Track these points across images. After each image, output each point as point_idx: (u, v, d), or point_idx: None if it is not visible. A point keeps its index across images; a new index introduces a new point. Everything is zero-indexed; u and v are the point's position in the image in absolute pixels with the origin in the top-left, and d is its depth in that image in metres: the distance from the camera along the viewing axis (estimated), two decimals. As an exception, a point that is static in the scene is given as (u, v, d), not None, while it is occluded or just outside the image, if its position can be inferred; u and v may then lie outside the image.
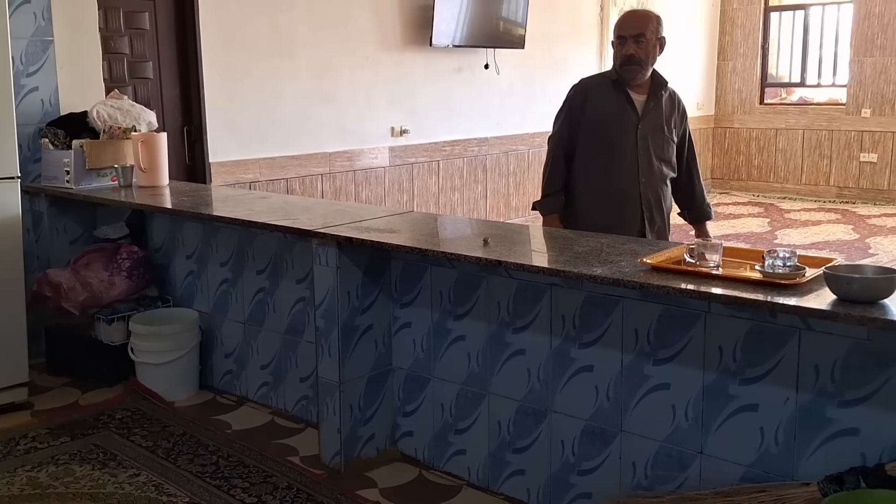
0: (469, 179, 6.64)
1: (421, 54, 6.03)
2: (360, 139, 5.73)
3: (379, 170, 5.89)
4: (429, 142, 6.22)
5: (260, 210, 3.35)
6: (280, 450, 3.14)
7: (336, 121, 5.55)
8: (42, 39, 4.00)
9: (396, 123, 5.97)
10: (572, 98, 3.28)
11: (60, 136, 3.93)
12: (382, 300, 2.96)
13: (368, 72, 5.72)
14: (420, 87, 6.10)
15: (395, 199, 5.98)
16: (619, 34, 3.17)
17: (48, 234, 3.98)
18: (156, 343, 3.58)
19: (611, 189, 3.18)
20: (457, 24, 6.04)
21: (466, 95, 6.46)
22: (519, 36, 6.55)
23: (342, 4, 5.49)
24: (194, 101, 4.86)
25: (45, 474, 2.93)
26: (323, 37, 5.39)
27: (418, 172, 6.19)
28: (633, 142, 3.16)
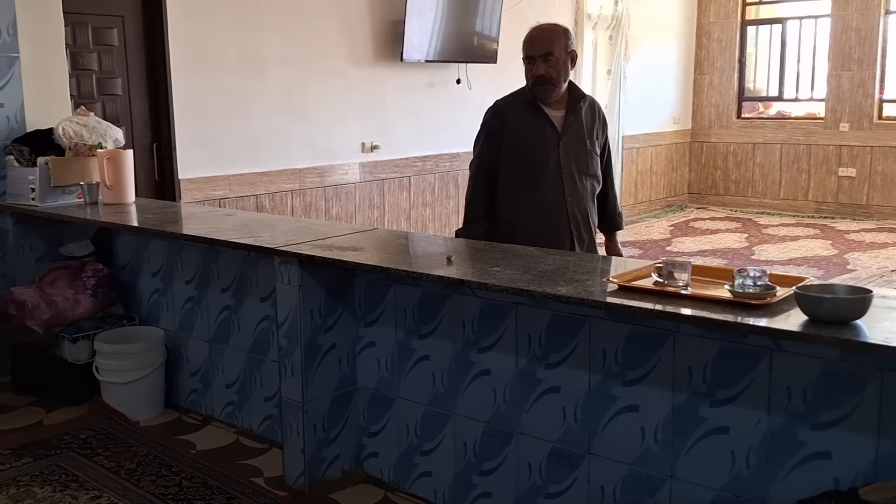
0: (441, 195, 6.45)
1: (392, 69, 5.84)
2: (331, 155, 5.53)
3: (349, 186, 5.70)
4: (400, 157, 6.02)
5: (224, 227, 3.15)
6: (244, 470, 2.94)
7: (306, 137, 5.35)
8: (7, 55, 3.77)
9: (367, 139, 5.77)
10: (489, 121, 3.01)
11: (25, 154, 3.71)
12: (346, 319, 2.77)
13: (339, 87, 5.52)
14: (391, 102, 5.91)
15: (365, 216, 5.78)
16: (527, 54, 2.91)
17: (13, 251, 3.75)
18: (121, 362, 3.36)
19: (536, 211, 2.92)
20: (430, 39, 5.87)
21: (438, 111, 6.27)
22: (492, 50, 6.40)
23: (312, 20, 5.30)
24: (163, 117, 4.64)
25: (5, 496, 2.71)
26: (293, 52, 5.20)
27: (389, 188, 6.00)
28: (556, 160, 2.91)
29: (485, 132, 3.03)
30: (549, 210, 2.93)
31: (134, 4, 4.48)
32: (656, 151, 9.01)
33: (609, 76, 8.08)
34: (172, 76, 4.57)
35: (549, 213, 2.93)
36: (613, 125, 8.20)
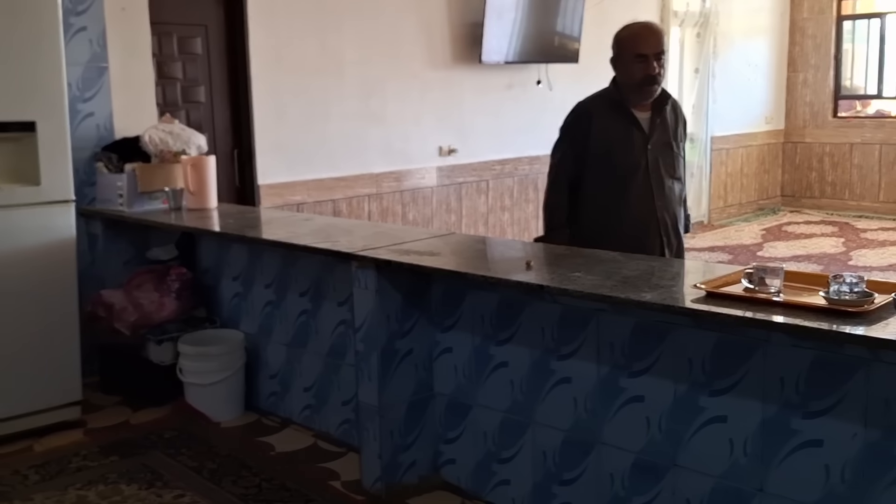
0: (520, 199, 6.45)
1: (470, 71, 5.89)
2: (408, 159, 5.61)
3: (426, 190, 5.77)
4: (478, 161, 6.06)
5: (302, 232, 3.25)
6: (322, 474, 3.02)
7: (383, 141, 5.45)
8: (98, 66, 3.99)
9: (444, 143, 5.83)
10: (574, 124, 2.96)
11: (114, 160, 3.91)
12: (423, 324, 2.82)
13: (416, 91, 5.60)
14: (469, 105, 5.96)
15: (442, 220, 5.84)
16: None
17: (103, 255, 3.95)
18: (203, 364, 3.50)
19: (625, 218, 2.88)
20: (509, 40, 5.90)
21: (517, 113, 6.28)
22: (574, 50, 6.37)
23: (391, 23, 5.40)
24: (244, 124, 4.81)
25: (95, 493, 2.87)
26: (371, 56, 5.30)
27: (467, 192, 6.04)
28: (644, 164, 2.87)
29: (569, 135, 2.97)
30: (639, 216, 2.89)
31: (217, 13, 4.66)
32: (747, 152, 8.78)
33: (697, 75, 7.94)
34: (253, 83, 4.73)
35: (639, 219, 2.89)
36: (702, 125, 8.04)
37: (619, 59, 2.89)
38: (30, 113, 3.29)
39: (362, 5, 5.22)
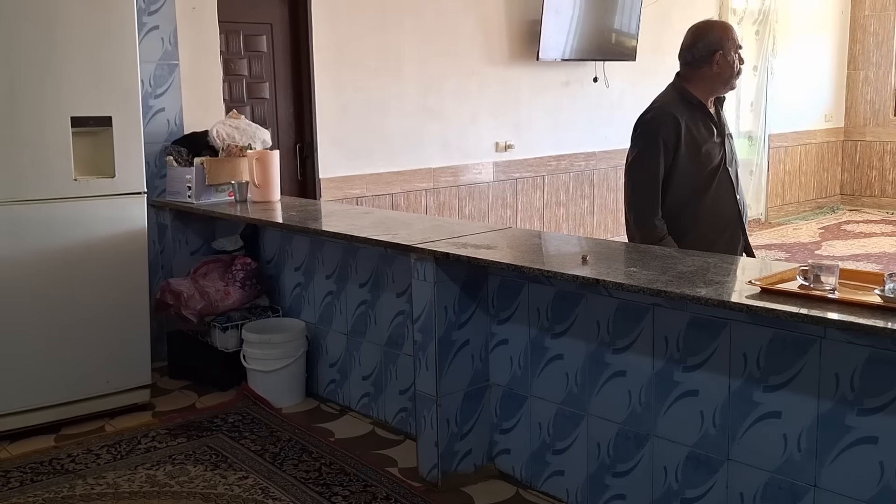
0: (575, 194, 6.48)
1: (527, 68, 5.94)
2: (465, 154, 5.69)
3: (483, 185, 5.84)
4: (534, 156, 6.11)
5: (363, 225, 3.35)
6: (380, 460, 3.12)
7: (441, 136, 5.54)
8: (169, 63, 4.16)
9: (501, 138, 5.90)
10: (663, 128, 2.89)
11: (184, 154, 4.07)
12: (479, 316, 2.89)
13: (474, 87, 5.68)
14: (526, 101, 6.01)
15: (498, 215, 5.90)
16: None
17: (171, 245, 4.12)
18: (266, 351, 3.64)
19: (720, 217, 2.92)
20: (566, 37, 5.93)
21: (574, 109, 6.31)
22: (631, 48, 6.36)
23: (450, 21, 5.48)
24: (306, 119, 4.95)
25: (163, 473, 3.01)
26: (430, 53, 5.39)
27: (523, 187, 6.09)
28: (722, 158, 2.92)
29: (660, 141, 2.89)
30: (723, 210, 2.94)
31: (282, 12, 4.80)
32: (805, 150, 8.64)
33: (755, 72, 7.84)
34: (315, 79, 4.86)
35: (724, 213, 2.94)
36: (760, 123, 7.94)
37: (724, 53, 2.90)
38: (106, 108, 3.45)
39: (422, 4, 5.32)
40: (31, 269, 3.31)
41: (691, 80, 2.97)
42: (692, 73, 2.96)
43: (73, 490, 2.89)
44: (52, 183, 3.35)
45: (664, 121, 2.90)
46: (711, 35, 2.93)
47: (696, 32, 2.96)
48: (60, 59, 3.30)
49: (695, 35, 2.96)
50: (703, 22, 3.01)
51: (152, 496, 2.85)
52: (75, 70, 3.34)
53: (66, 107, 3.34)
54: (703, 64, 2.93)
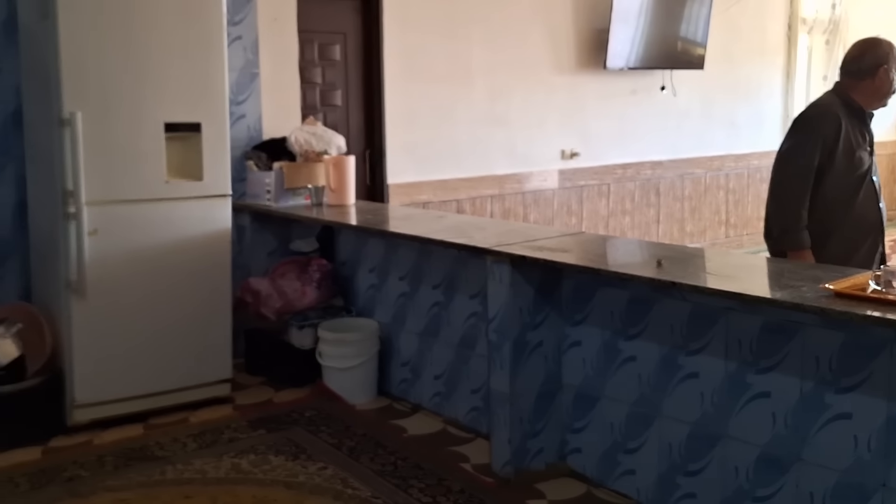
0: (641, 203, 6.60)
1: (594, 77, 6.10)
2: (531, 162, 5.87)
3: (548, 192, 6.00)
4: (600, 164, 6.26)
5: (438, 228, 3.55)
6: (452, 456, 3.30)
7: (507, 144, 5.72)
8: (250, 71, 4.43)
9: (567, 146, 6.06)
10: (823, 126, 3.06)
11: (263, 159, 4.33)
12: (553, 318, 3.05)
13: (541, 95, 5.86)
14: (592, 109, 6.17)
15: (563, 222, 6.06)
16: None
17: (250, 246, 4.37)
18: (340, 349, 3.86)
19: (864, 222, 3.11)
20: (632, 45, 6.07)
21: (640, 118, 6.45)
22: (698, 56, 6.47)
23: (518, 29, 5.67)
24: (376, 126, 5.18)
25: (247, 461, 3.24)
26: (498, 61, 5.59)
27: (588, 195, 6.23)
28: (870, 166, 3.13)
29: (819, 136, 3.05)
30: (868, 216, 3.12)
31: (356, 21, 5.05)
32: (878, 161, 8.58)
33: (825, 81, 7.83)
34: (386, 87, 5.10)
35: (868, 219, 3.12)
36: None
37: (888, 68, 3.11)
38: (196, 115, 3.72)
39: (491, 13, 5.52)
40: (125, 265, 3.57)
41: (852, 90, 3.16)
42: (853, 84, 3.16)
43: (164, 475, 3.14)
44: (146, 185, 3.61)
45: (827, 118, 3.10)
46: (879, 50, 3.14)
47: (863, 46, 3.18)
48: (155, 68, 3.57)
49: (862, 48, 3.17)
50: (871, 37, 3.21)
51: (238, 482, 3.08)
52: (169, 78, 3.61)
53: (160, 113, 3.61)
54: (866, 76, 3.12)
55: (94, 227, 3.47)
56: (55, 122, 3.40)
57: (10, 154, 3.83)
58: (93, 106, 3.42)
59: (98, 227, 3.48)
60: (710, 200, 7.06)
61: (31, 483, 3.06)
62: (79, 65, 3.38)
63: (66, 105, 3.37)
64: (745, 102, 7.17)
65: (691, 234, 6.94)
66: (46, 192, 3.58)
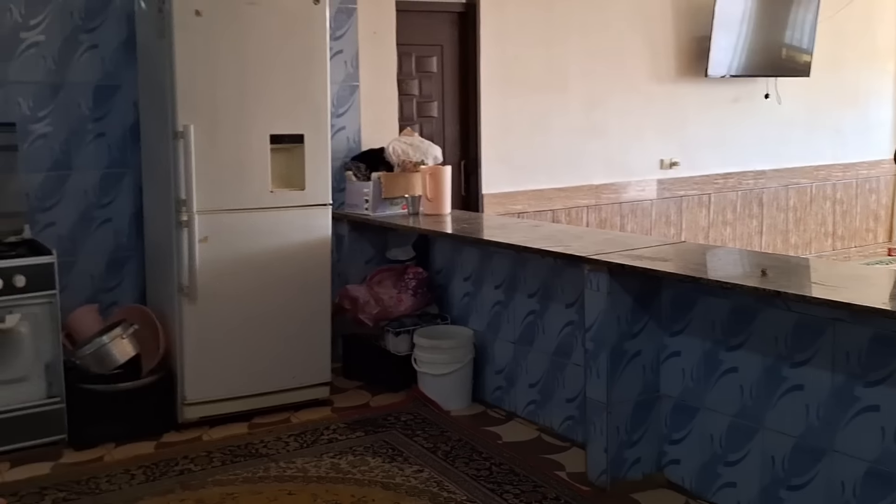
0: (743, 214, 6.47)
1: (695, 85, 6.04)
2: (628, 172, 5.85)
3: (646, 202, 5.96)
4: (700, 174, 6.19)
5: (534, 237, 3.60)
6: (547, 464, 3.33)
7: (604, 153, 5.73)
8: (350, 84, 4.60)
9: (666, 156, 6.01)
10: None
11: (362, 169, 4.49)
12: (652, 327, 3.05)
13: (639, 104, 5.84)
14: (693, 118, 6.11)
15: (661, 233, 6.00)
16: None
17: (348, 254, 4.53)
18: (436, 356, 3.95)
19: None
20: (734, 53, 5.99)
21: (743, 126, 6.34)
22: (804, 63, 6.31)
23: (616, 38, 5.68)
24: (471, 136, 5.28)
25: (345, 462, 3.36)
26: (595, 71, 5.61)
27: (687, 205, 6.16)
28: None
29: None
30: None
31: (452, 34, 5.17)
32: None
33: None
34: (482, 98, 5.19)
35: None
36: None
37: None
38: (300, 126, 3.88)
39: (589, 22, 5.55)
40: (232, 271, 3.76)
41: None
42: None
43: (267, 472, 3.29)
44: (252, 194, 3.79)
45: None
46: None
47: None
48: (262, 82, 3.75)
49: None
50: None
51: (337, 481, 3.20)
52: (274, 92, 3.78)
53: (266, 126, 3.79)
54: None
55: (204, 234, 3.66)
56: (170, 134, 3.61)
57: (128, 165, 4.10)
58: (204, 119, 3.62)
59: (208, 235, 3.68)
60: (816, 211, 6.86)
61: (146, 475, 3.26)
62: (191, 80, 3.59)
63: (179, 118, 3.58)
64: (852, 110, 6.94)
65: (796, 245, 6.75)
66: (161, 202, 3.80)
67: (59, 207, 3.97)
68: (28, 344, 3.45)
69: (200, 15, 3.56)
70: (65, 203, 3.98)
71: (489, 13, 5.13)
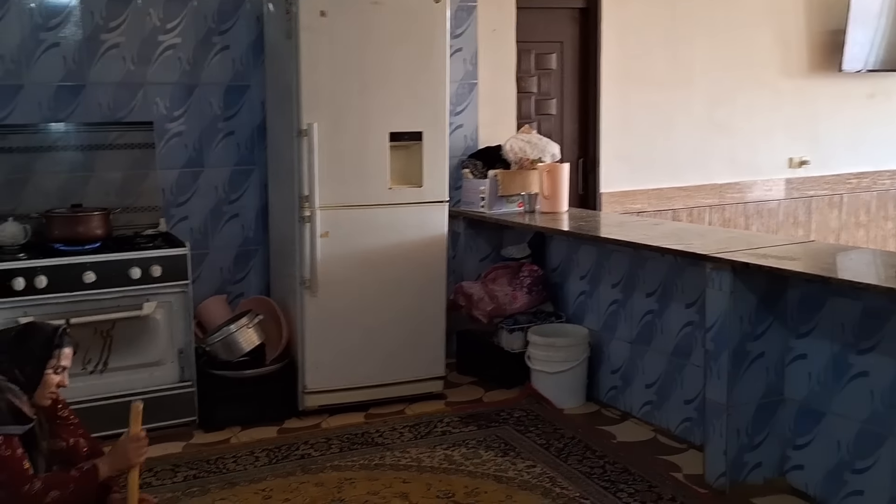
0: (877, 215, 6.19)
1: (827, 80, 5.83)
2: (754, 171, 5.71)
3: (772, 203, 5.80)
4: (831, 174, 5.96)
5: (654, 235, 3.60)
6: (663, 465, 3.33)
7: (729, 151, 5.61)
8: (469, 82, 4.71)
9: (795, 154, 5.83)
10: None
11: (479, 167, 4.59)
12: (776, 328, 3.00)
13: (767, 100, 5.69)
14: (824, 115, 5.90)
15: (788, 234, 5.82)
16: None
17: (463, 251, 4.64)
18: (550, 353, 4.00)
19: None
20: (871, 47, 5.74)
21: (879, 123, 6.07)
22: (948, 57, 5.99)
23: (745, 34, 5.56)
24: (591, 134, 5.28)
25: (458, 454, 3.46)
26: (722, 65, 5.51)
27: (817, 206, 5.95)
28: None
29: None
30: None
31: (573, 30, 5.20)
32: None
33: None
34: (602, 95, 5.19)
35: None
36: None
37: None
38: (418, 124, 4.01)
39: (716, 18, 5.46)
40: (351, 266, 3.93)
41: None
42: None
43: (383, 460, 3.43)
44: (372, 191, 3.95)
45: None
46: None
47: None
48: (383, 80, 3.89)
49: None
50: None
51: (451, 472, 3.30)
52: (395, 90, 3.92)
53: (386, 123, 3.93)
54: None
55: (325, 229, 3.85)
56: (294, 132, 3.81)
57: (255, 163, 4.35)
58: (327, 117, 3.80)
59: (329, 230, 3.86)
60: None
61: (269, 457, 3.47)
62: (316, 80, 3.77)
63: (304, 117, 3.76)
64: None
65: None
66: (285, 198, 4.02)
67: (192, 202, 4.25)
68: (163, 330, 3.73)
69: (325, 16, 3.74)
70: (197, 198, 4.26)
71: (611, 9, 5.13)
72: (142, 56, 4.06)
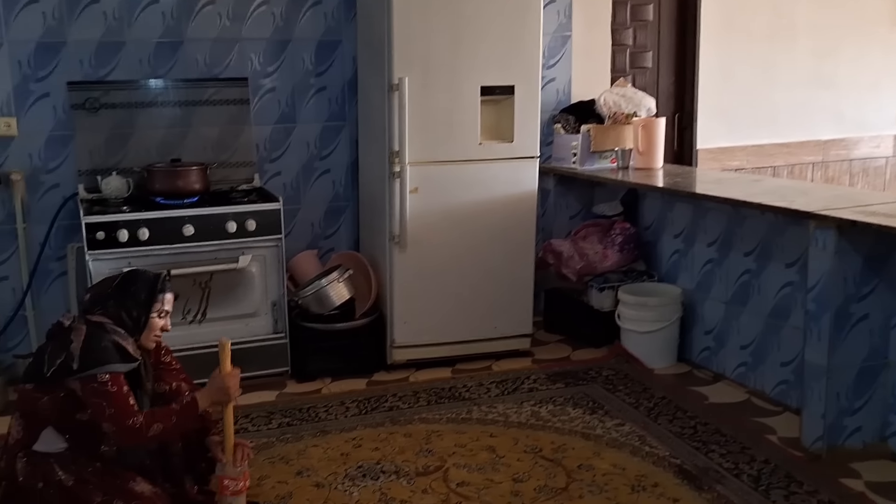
0: None
1: (945, 30, 5.52)
2: (860, 127, 5.48)
3: (879, 160, 5.56)
4: (946, 129, 5.67)
5: (753, 192, 3.51)
6: (757, 427, 3.30)
7: (834, 107, 5.39)
8: (562, 35, 4.66)
9: (905, 109, 5.57)
10: None
11: (571, 122, 4.54)
12: (882, 290, 2.91)
13: (877, 53, 5.43)
14: (939, 67, 5.59)
15: (897, 194, 5.59)
16: None
17: (553, 208, 4.63)
18: (641, 313, 3.97)
19: None
20: None
21: None
22: None
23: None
24: (688, 88, 5.16)
25: (545, 411, 3.50)
26: (828, 18, 5.28)
27: (929, 164, 5.69)
28: None
29: None
30: None
31: (671, -20, 5.06)
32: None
33: None
34: (700, 48, 5.05)
35: None
36: None
37: None
38: (510, 78, 3.98)
39: (823, -36, 5.22)
40: (440, 222, 3.97)
41: None
42: None
43: (469, 414, 3.50)
44: (462, 146, 3.96)
45: None
46: None
47: None
48: (474, 34, 3.88)
49: None
50: None
51: (538, 428, 3.34)
52: (486, 43, 3.91)
53: (477, 77, 3.93)
54: None
55: (415, 185, 3.89)
56: (385, 87, 3.85)
57: (346, 118, 4.42)
58: (418, 72, 3.82)
59: (418, 186, 3.90)
60: None
61: (359, 408, 3.58)
62: (408, 33, 3.79)
63: (395, 71, 3.80)
64: None
65: None
66: (375, 153, 4.08)
67: (285, 158, 4.36)
68: (258, 283, 3.87)
69: (418, -32, 3.75)
70: (289, 154, 4.36)
71: (713, -44, 4.97)
72: (236, 13, 4.15)
